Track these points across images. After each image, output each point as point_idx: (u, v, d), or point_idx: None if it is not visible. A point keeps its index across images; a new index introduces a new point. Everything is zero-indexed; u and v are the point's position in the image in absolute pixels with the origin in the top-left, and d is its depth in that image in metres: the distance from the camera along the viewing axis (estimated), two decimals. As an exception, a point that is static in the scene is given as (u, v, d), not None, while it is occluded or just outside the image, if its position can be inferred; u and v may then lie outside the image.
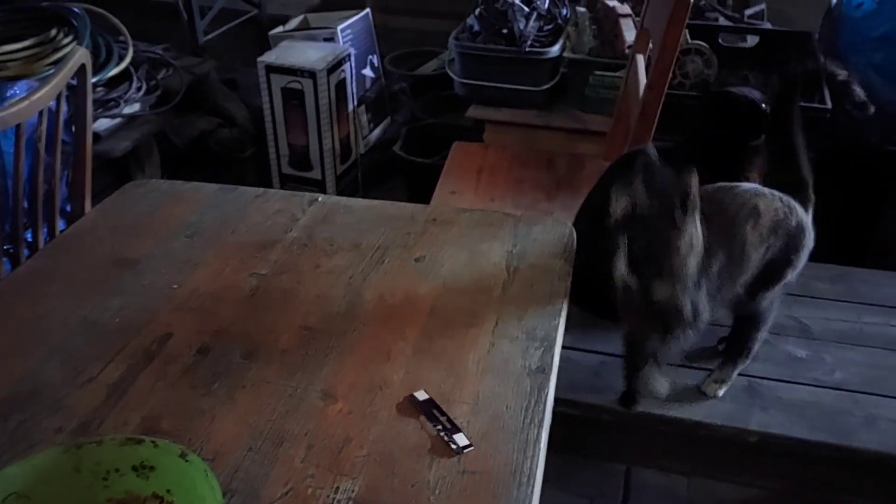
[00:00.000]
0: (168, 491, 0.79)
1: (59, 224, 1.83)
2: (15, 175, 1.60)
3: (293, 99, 2.64)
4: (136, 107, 2.42)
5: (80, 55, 1.74)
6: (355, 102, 2.79)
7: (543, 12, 2.47)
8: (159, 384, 0.97)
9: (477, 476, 0.83)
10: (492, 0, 2.48)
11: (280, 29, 2.89)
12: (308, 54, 2.63)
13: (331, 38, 2.74)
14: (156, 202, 1.39)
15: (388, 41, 3.15)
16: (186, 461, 0.76)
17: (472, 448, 0.86)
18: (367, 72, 2.93)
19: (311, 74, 2.55)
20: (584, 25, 2.42)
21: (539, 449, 0.86)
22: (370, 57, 2.95)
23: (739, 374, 1.36)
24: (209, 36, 2.98)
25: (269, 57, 2.64)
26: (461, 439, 0.86)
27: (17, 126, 1.55)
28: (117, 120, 2.36)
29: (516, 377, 0.96)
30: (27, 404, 0.93)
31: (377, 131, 2.95)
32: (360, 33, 2.88)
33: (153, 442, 0.78)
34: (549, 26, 2.46)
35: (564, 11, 2.52)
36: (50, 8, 2.55)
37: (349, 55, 2.68)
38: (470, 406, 0.92)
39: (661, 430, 1.28)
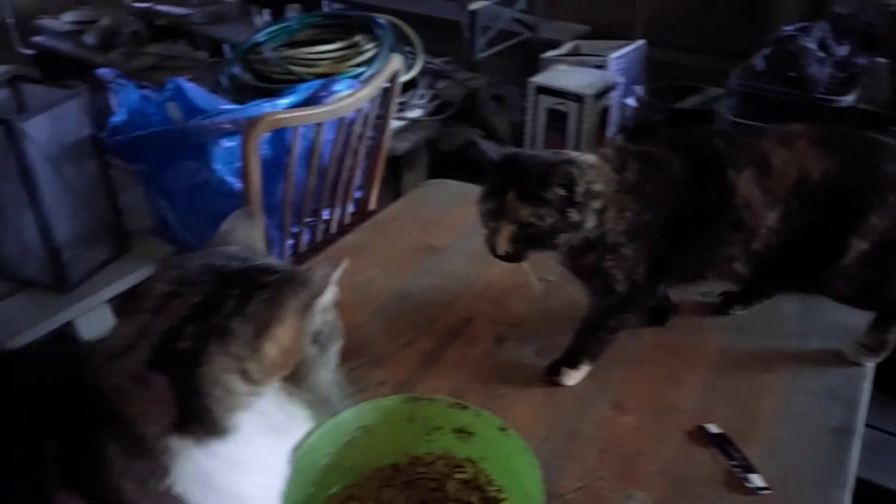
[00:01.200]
0: (482, 458, 0.87)
1: (350, 207, 2.07)
2: (331, 160, 1.84)
3: (556, 120, 2.74)
4: (418, 112, 2.65)
5: (396, 62, 1.96)
6: (615, 130, 2.82)
7: (839, 59, 2.35)
8: (464, 361, 1.07)
9: (774, 519, 0.82)
10: (783, 41, 2.40)
11: (552, 52, 3.00)
12: (577, 79, 2.71)
13: (601, 66, 2.80)
14: (452, 200, 1.53)
15: (651, 73, 3.15)
16: (506, 435, 0.84)
17: (769, 491, 0.85)
18: (631, 101, 2.95)
19: (579, 98, 2.63)
20: (882, 77, 2.26)
21: (843, 510, 0.84)
22: (635, 87, 2.97)
23: None
24: (485, 53, 3.16)
25: (540, 78, 2.76)
26: (758, 480, 0.86)
27: (341, 119, 1.78)
28: (402, 122, 2.59)
29: (816, 433, 0.94)
30: (357, 355, 1.07)
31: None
32: (631, 64, 2.91)
33: (477, 411, 0.87)
34: (843, 74, 2.32)
35: (862, 60, 2.36)
36: (355, 16, 2.87)
37: (618, 84, 2.72)
38: (766, 450, 0.91)
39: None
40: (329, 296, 0.61)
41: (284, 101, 1.84)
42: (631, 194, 0.96)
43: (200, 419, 0.55)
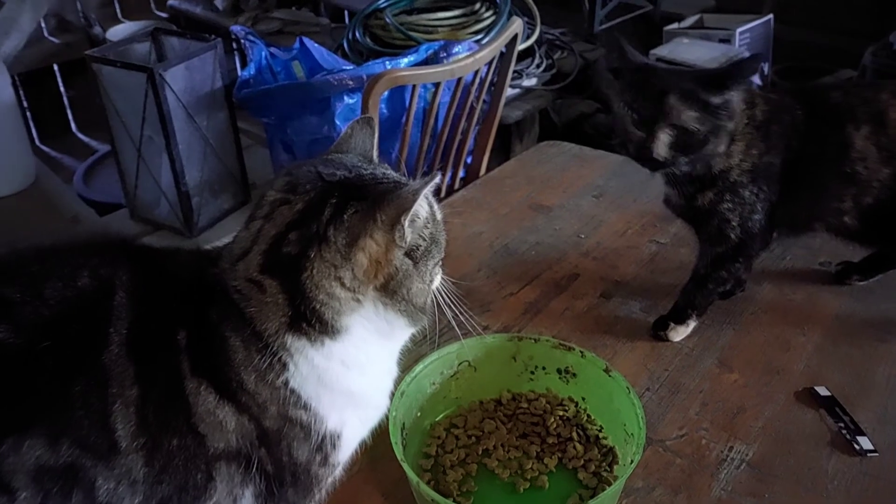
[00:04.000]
0: (583, 398, 0.90)
1: (460, 172, 2.10)
2: (445, 122, 1.88)
3: (673, 95, 2.67)
4: (533, 81, 2.65)
5: (516, 26, 1.96)
6: (735, 108, 2.73)
7: None
8: (567, 312, 1.09)
9: (881, 482, 0.80)
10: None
11: (675, 25, 2.92)
12: (700, 53, 2.64)
13: (727, 40, 2.71)
14: (566, 162, 1.54)
15: (778, 52, 3.01)
16: (610, 376, 0.85)
17: (876, 454, 0.83)
18: (755, 79, 2.83)
19: (700, 73, 2.55)
20: None
21: (957, 480, 0.81)
22: (762, 64, 2.85)
23: None
24: (604, 26, 3.12)
25: (662, 51, 2.70)
26: (865, 443, 0.84)
27: (459, 79, 1.81)
28: (516, 90, 2.60)
29: (934, 403, 0.90)
30: (463, 300, 1.11)
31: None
32: (758, 39, 2.80)
33: (581, 352, 0.89)
34: None
35: None
36: (476, -16, 2.88)
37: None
38: (876, 415, 0.89)
39: None
40: (422, 211, 0.62)
41: (405, 60, 1.89)
42: (758, 132, 0.95)
43: (312, 320, 0.59)
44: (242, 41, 2.06)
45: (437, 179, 0.61)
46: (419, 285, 0.63)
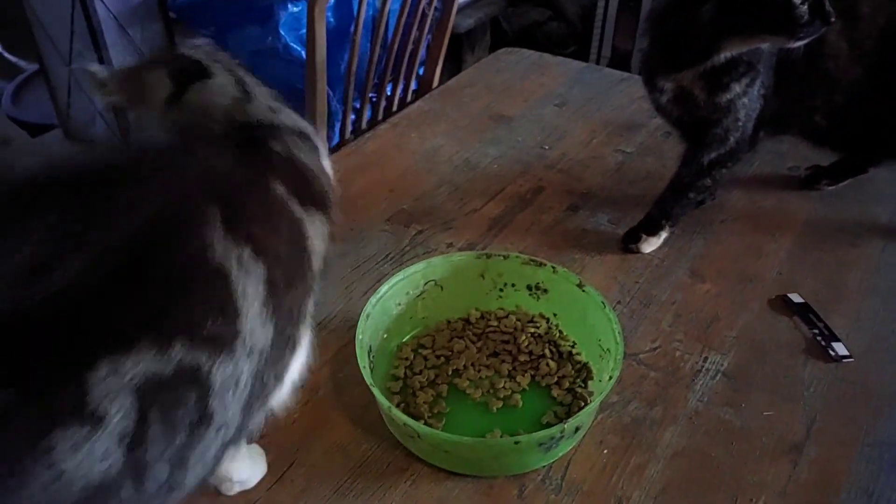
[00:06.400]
0: (554, 314, 0.86)
1: (412, 84, 2.01)
2: (395, 31, 1.77)
3: (631, 0, 2.59)
4: (484, -13, 2.52)
5: (468, -75, 1.84)
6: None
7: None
8: (533, 227, 1.05)
9: (857, 388, 0.80)
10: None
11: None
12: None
13: (685, -58, 2.60)
14: (525, 69, 1.46)
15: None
16: (583, 291, 0.82)
17: (851, 360, 0.83)
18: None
19: (658, -23, 2.46)
20: None
21: (928, 380, 0.81)
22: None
23: None
24: (557, -72, 2.97)
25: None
26: (840, 348, 0.84)
27: (409, -16, 1.69)
28: (467, -2, 2.48)
29: (904, 305, 0.90)
30: (425, 218, 1.06)
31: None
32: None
33: (553, 268, 0.85)
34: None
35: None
36: None
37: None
38: (850, 321, 0.88)
39: None
40: None
41: (351, -36, 1.76)
42: None
43: None
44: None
45: None
46: None
